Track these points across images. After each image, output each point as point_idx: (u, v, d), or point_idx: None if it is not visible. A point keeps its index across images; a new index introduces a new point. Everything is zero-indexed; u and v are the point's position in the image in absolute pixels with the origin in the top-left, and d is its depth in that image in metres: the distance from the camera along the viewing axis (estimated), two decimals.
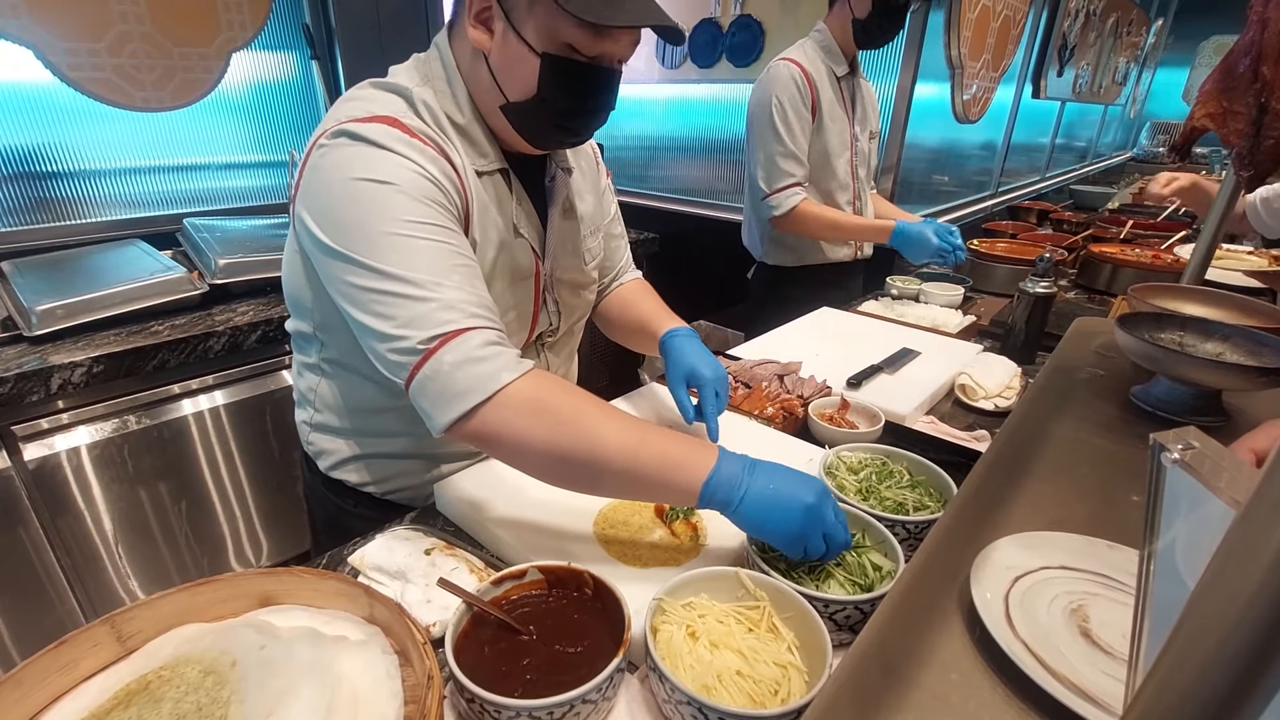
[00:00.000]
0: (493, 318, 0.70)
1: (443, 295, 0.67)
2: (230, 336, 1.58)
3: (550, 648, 0.59)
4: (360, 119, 0.72)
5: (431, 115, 0.77)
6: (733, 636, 0.60)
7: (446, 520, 0.85)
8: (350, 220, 0.69)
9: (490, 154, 0.81)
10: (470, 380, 0.65)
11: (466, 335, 0.66)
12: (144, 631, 0.52)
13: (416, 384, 0.67)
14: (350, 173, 0.69)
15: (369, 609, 0.54)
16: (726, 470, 0.66)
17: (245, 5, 2.11)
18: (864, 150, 1.83)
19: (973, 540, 0.64)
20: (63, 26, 1.81)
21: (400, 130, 0.72)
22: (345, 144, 0.71)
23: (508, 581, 0.64)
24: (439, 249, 0.69)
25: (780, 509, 0.64)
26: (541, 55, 0.71)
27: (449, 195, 0.73)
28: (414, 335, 0.66)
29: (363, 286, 0.68)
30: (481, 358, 0.66)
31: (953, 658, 0.53)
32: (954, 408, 1.23)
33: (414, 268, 0.67)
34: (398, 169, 0.70)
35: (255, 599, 0.56)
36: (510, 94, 0.75)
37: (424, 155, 0.72)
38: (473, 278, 0.71)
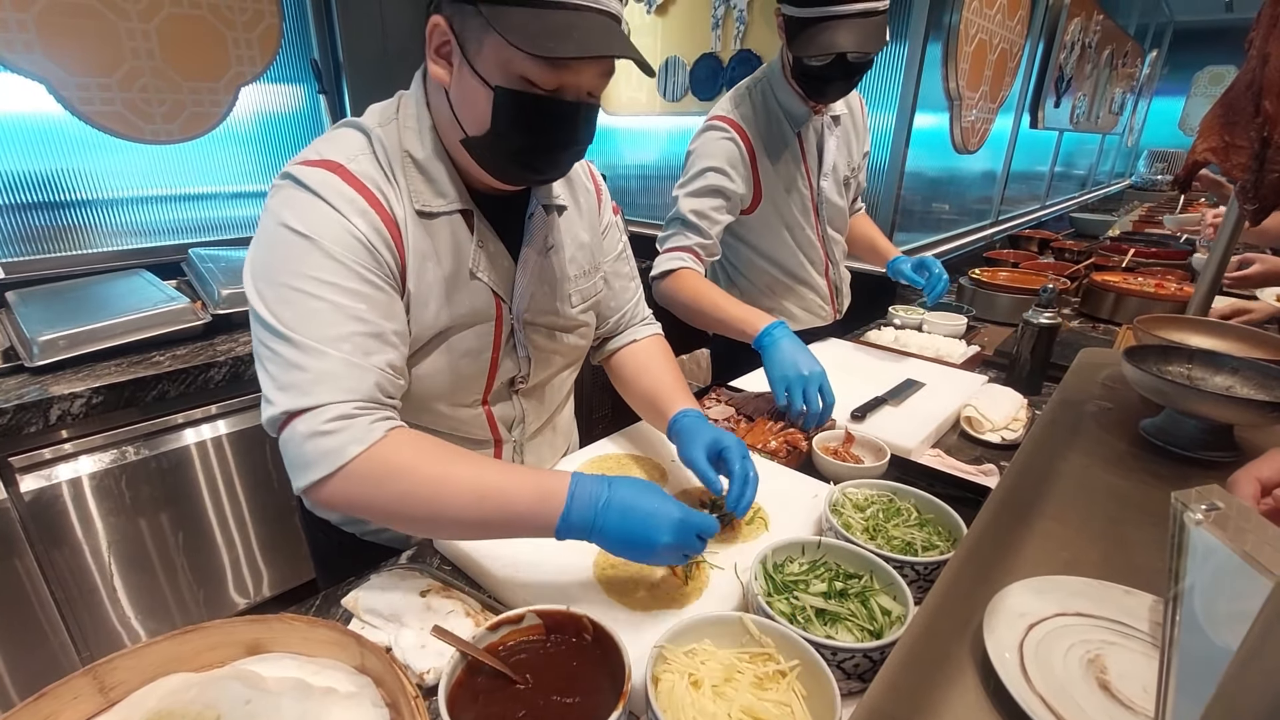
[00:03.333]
0: (369, 387, 0.69)
1: (319, 365, 0.67)
2: (231, 366, 1.58)
3: (548, 697, 0.57)
4: (308, 161, 0.72)
5: (385, 154, 0.75)
6: (737, 686, 0.58)
7: (444, 559, 0.84)
8: (268, 266, 0.70)
9: (450, 193, 0.78)
10: (317, 454, 0.66)
11: (322, 409, 0.66)
12: (128, 682, 0.50)
13: (280, 446, 0.68)
14: (279, 218, 0.70)
15: (360, 658, 0.53)
16: (578, 511, 0.66)
17: (255, 41, 2.16)
18: (833, 197, 1.57)
19: (984, 583, 0.62)
20: (75, 62, 1.85)
21: (340, 178, 0.71)
22: (287, 187, 0.72)
23: (504, 627, 0.62)
24: (336, 314, 0.68)
25: (631, 528, 0.66)
26: (495, 89, 0.68)
27: (376, 252, 0.72)
28: (281, 401, 0.67)
29: (260, 340, 0.70)
30: (328, 431, 0.65)
31: (967, 712, 0.51)
32: (960, 440, 1.21)
33: (304, 330, 0.67)
34: (322, 222, 0.69)
35: (243, 647, 0.54)
36: (468, 128, 0.73)
37: (355, 208, 0.71)
38: (367, 348, 0.70)
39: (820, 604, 0.67)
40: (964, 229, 2.99)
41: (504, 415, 0.92)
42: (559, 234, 0.90)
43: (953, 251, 2.68)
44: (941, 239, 2.73)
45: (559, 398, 1.02)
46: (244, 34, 2.13)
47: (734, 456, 0.81)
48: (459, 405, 0.86)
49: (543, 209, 0.87)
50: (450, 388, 0.84)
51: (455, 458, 0.69)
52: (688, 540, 0.67)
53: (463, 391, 0.85)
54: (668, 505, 0.67)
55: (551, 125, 0.72)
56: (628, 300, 1.05)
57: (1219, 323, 1.15)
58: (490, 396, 0.89)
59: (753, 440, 1.07)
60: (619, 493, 0.67)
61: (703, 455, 0.83)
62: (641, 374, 1.01)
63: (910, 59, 2.04)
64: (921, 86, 2.11)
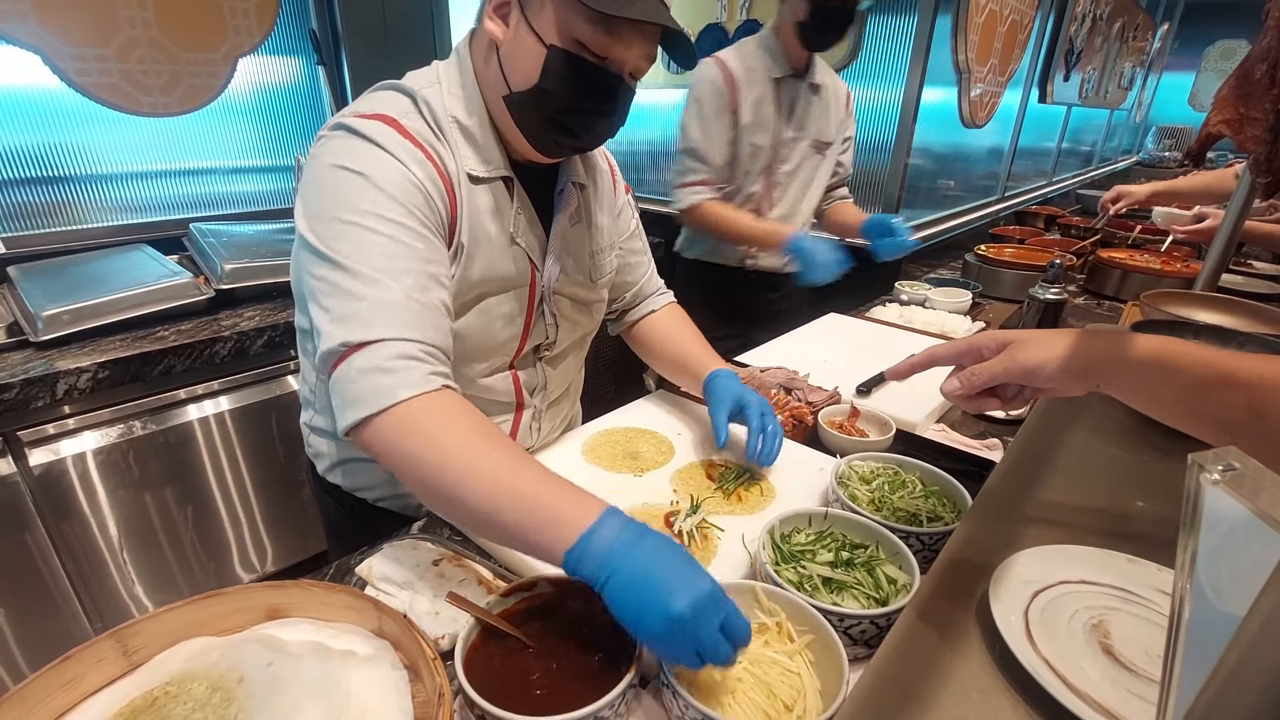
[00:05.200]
0: (426, 329, 0.68)
1: (380, 295, 0.66)
2: (236, 342, 1.58)
3: (561, 661, 0.58)
4: (360, 114, 0.73)
5: (433, 115, 0.76)
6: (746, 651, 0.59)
7: (453, 530, 0.85)
8: (322, 205, 0.70)
9: (495, 160, 0.80)
10: (368, 391, 0.64)
11: (382, 344, 0.65)
12: (150, 645, 0.51)
13: (331, 383, 0.67)
14: (334, 160, 0.70)
15: (378, 622, 0.54)
16: (601, 540, 0.56)
17: (252, 11, 2.12)
18: (797, 156, 1.73)
19: (989, 553, 0.63)
20: (70, 32, 1.82)
21: (396, 130, 0.73)
22: (341, 136, 0.72)
23: (517, 594, 0.63)
24: (396, 247, 0.68)
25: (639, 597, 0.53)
26: (549, 47, 0.71)
27: (431, 200, 0.73)
28: (338, 334, 0.65)
29: (317, 275, 0.69)
30: (387, 369, 0.64)
31: (972, 676, 0.52)
32: (965, 415, 1.21)
33: (363, 260, 0.67)
34: (380, 164, 0.70)
35: (263, 612, 0.55)
36: (513, 83, 0.74)
37: (413, 158, 0.72)
38: (425, 285, 0.70)
39: (827, 573, 0.68)
40: (971, 205, 2.97)
41: (528, 381, 0.94)
42: (583, 211, 0.93)
43: (959, 228, 2.66)
44: (948, 214, 2.71)
45: (575, 368, 1.06)
46: (241, 3, 2.09)
47: (753, 413, 0.87)
48: (490, 369, 0.88)
49: (571, 185, 0.89)
50: (484, 349, 0.85)
51: (502, 444, 0.64)
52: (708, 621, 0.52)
53: (495, 354, 0.87)
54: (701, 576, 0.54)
55: (594, 91, 0.74)
56: (642, 275, 1.09)
57: (1225, 298, 1.15)
58: (517, 361, 0.91)
59: None
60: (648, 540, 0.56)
61: (724, 411, 0.89)
62: (668, 341, 1.07)
63: (919, 30, 2.00)
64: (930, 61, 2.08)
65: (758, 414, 0.87)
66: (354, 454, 0.93)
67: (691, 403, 1.14)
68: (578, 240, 0.93)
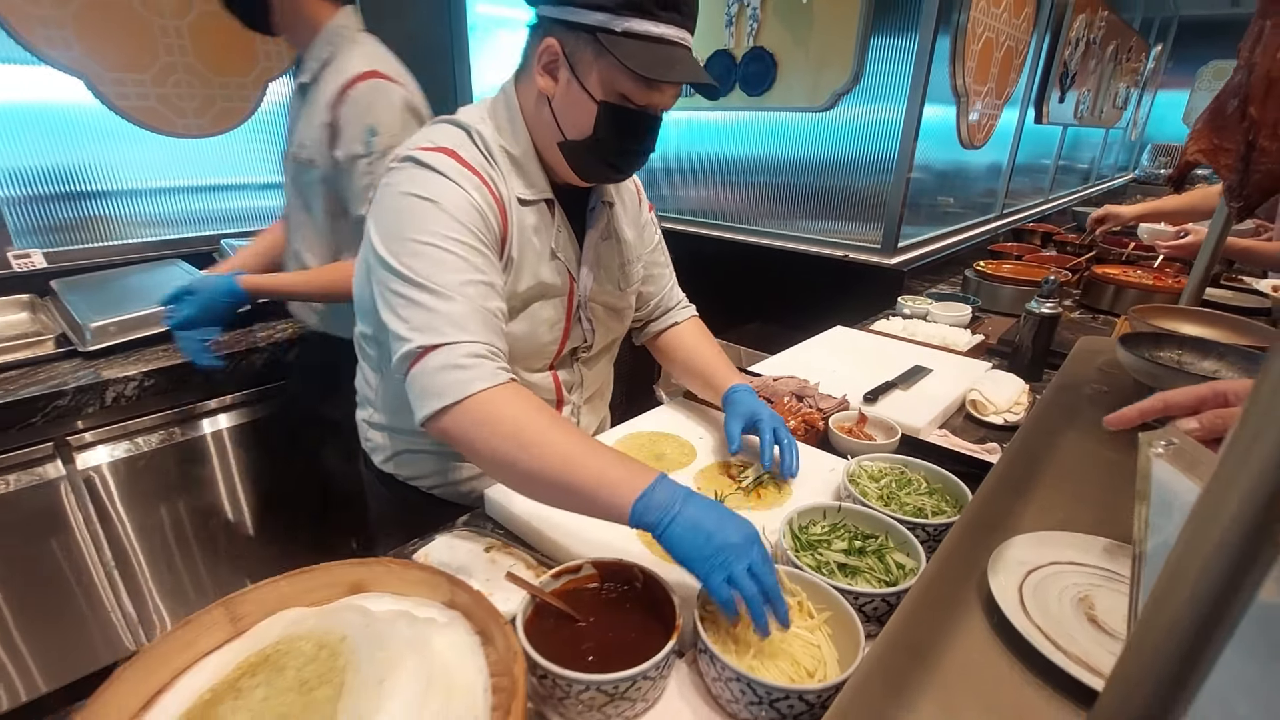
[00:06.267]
0: (491, 332, 0.79)
1: (450, 308, 0.76)
2: (270, 353, 1.66)
3: (607, 633, 0.65)
4: (423, 147, 0.83)
5: (485, 147, 0.86)
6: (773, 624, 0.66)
7: (496, 524, 0.92)
8: (397, 227, 0.79)
9: (539, 184, 0.90)
10: (446, 384, 0.74)
11: (455, 346, 0.75)
12: (252, 614, 0.59)
13: (409, 380, 0.76)
14: (406, 188, 0.80)
15: (450, 595, 0.61)
16: (658, 497, 0.67)
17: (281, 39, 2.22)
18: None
19: (987, 540, 0.71)
20: (112, 58, 1.92)
21: (456, 160, 0.82)
22: (409, 167, 0.82)
23: (564, 575, 0.70)
24: (461, 264, 0.78)
25: (703, 540, 0.64)
26: (600, 103, 0.81)
27: (488, 221, 0.83)
28: (417, 339, 0.75)
29: (393, 290, 0.78)
30: (462, 365, 0.74)
31: (972, 641, 0.59)
32: (965, 422, 1.29)
33: (434, 277, 0.77)
34: (446, 191, 0.80)
35: (347, 586, 0.62)
36: (569, 133, 0.85)
37: (471, 183, 0.82)
38: (486, 295, 0.80)
39: (842, 559, 0.76)
40: (970, 222, 3.05)
41: (566, 380, 1.04)
42: (612, 227, 1.02)
43: (960, 244, 2.74)
44: (949, 231, 2.79)
45: (607, 370, 1.15)
46: None
47: (765, 427, 0.95)
48: (533, 368, 0.98)
49: (601, 203, 0.99)
50: (529, 350, 0.95)
51: (565, 426, 0.75)
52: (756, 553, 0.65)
53: (537, 356, 0.97)
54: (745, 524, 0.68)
55: (638, 133, 0.85)
56: (664, 286, 1.18)
57: (1210, 312, 1.23)
58: (557, 362, 1.01)
59: None
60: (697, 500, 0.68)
61: (739, 423, 0.97)
62: (693, 355, 1.16)
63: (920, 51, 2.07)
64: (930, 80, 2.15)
65: (769, 428, 0.95)
66: (409, 446, 1.02)
67: (711, 409, 1.22)
68: (608, 253, 1.03)
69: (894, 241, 2.25)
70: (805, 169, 2.39)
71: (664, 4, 0.77)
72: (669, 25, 0.78)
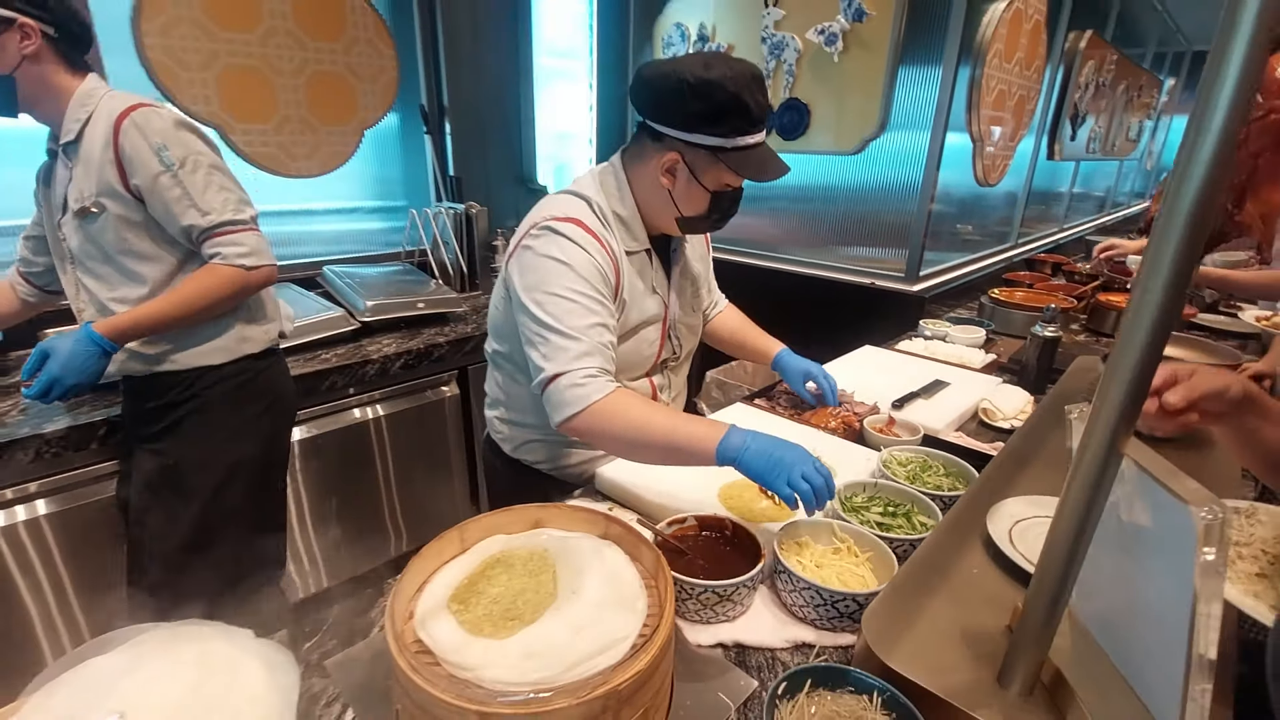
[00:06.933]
0: (603, 359, 1.04)
1: (574, 345, 1.03)
2: (381, 364, 1.96)
3: (709, 562, 0.91)
4: (559, 218, 1.10)
5: (601, 212, 1.14)
6: (828, 560, 0.92)
7: (604, 496, 1.18)
8: (538, 281, 1.06)
9: (640, 238, 1.18)
10: (574, 397, 1.00)
11: (578, 370, 1.02)
12: (473, 538, 0.85)
13: (545, 395, 1.04)
14: (545, 252, 1.07)
15: (605, 529, 0.87)
16: (734, 440, 0.93)
17: (378, 91, 2.56)
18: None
19: (989, 503, 0.96)
20: (242, 111, 2.26)
21: (582, 229, 1.09)
22: (547, 235, 1.09)
23: (674, 524, 0.97)
24: (584, 311, 1.05)
25: (773, 461, 0.91)
26: (712, 193, 1.11)
27: (606, 275, 1.10)
28: (550, 367, 1.03)
29: (532, 329, 1.06)
30: (582, 384, 1.01)
31: (973, 562, 0.84)
32: (979, 427, 1.53)
33: (563, 320, 1.04)
34: (574, 254, 1.07)
35: (531, 522, 0.88)
36: (686, 212, 1.13)
37: (593, 247, 1.09)
38: (601, 333, 1.06)
39: (879, 519, 1.01)
40: (988, 251, 3.29)
41: (660, 383, 1.32)
42: (687, 264, 1.31)
43: (977, 272, 2.98)
44: (966, 260, 3.03)
45: (685, 376, 1.43)
46: (370, 85, 2.53)
47: (819, 376, 1.40)
48: (634, 376, 1.26)
49: (680, 244, 1.28)
50: (634, 363, 1.23)
51: (657, 408, 1.03)
52: (809, 464, 0.91)
53: (639, 367, 1.25)
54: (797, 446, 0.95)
55: (734, 205, 1.15)
56: (716, 294, 1.54)
57: (1185, 336, 1.46)
58: (652, 370, 1.29)
59: (818, 421, 1.40)
60: (761, 435, 0.96)
61: (800, 383, 1.43)
62: (735, 332, 1.54)
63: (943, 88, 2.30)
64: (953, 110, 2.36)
65: (823, 376, 1.41)
66: (531, 436, 1.29)
67: (761, 411, 1.47)
68: (687, 283, 1.31)
69: (916, 269, 2.50)
70: (835, 198, 2.65)
71: (758, 121, 1.05)
72: (759, 134, 1.06)
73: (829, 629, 0.85)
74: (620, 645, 0.67)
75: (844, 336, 2.04)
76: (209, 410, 1.45)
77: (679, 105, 1.03)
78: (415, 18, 2.60)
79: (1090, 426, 0.54)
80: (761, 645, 0.84)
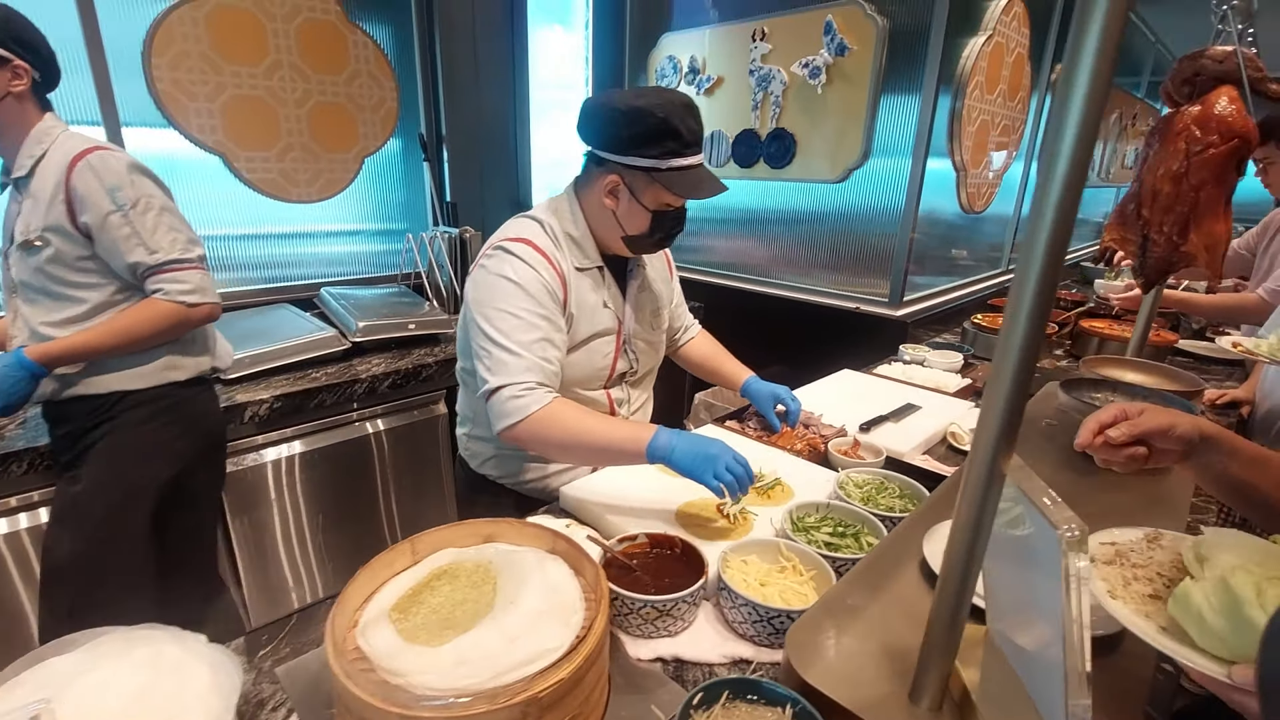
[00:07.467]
0: (543, 374, 1.11)
1: (516, 361, 1.10)
2: (369, 383, 2.01)
3: (655, 579, 0.94)
4: (512, 239, 1.18)
5: (553, 232, 1.22)
6: (772, 578, 0.94)
7: (567, 514, 1.22)
8: (489, 298, 1.14)
9: (592, 256, 1.25)
10: (514, 408, 1.09)
11: (518, 383, 1.09)
12: (424, 550, 0.88)
13: (489, 405, 1.12)
14: (497, 271, 1.16)
15: (553, 544, 0.90)
16: (661, 440, 1.05)
17: (378, 120, 2.66)
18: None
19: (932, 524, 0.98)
20: (246, 140, 2.35)
21: (532, 249, 1.17)
22: (499, 255, 1.17)
23: (626, 541, 1.00)
24: (529, 328, 1.13)
25: (699, 457, 1.03)
26: (653, 212, 1.17)
27: (554, 293, 1.17)
28: (493, 380, 1.11)
29: (479, 344, 1.14)
30: (521, 395, 1.09)
31: (907, 582, 0.87)
32: (947, 451, 1.55)
33: (509, 336, 1.12)
34: (524, 273, 1.15)
35: (482, 537, 0.91)
36: (629, 231, 1.20)
37: (542, 265, 1.17)
38: (547, 347, 1.13)
39: (828, 539, 1.03)
40: (977, 276, 3.32)
41: (618, 397, 1.36)
42: (646, 282, 1.37)
43: (964, 297, 3.01)
44: (956, 284, 3.06)
45: (648, 391, 1.47)
46: (370, 115, 2.63)
47: (786, 396, 1.43)
48: (591, 388, 1.31)
49: (637, 265, 1.34)
50: (588, 375, 1.29)
51: (591, 415, 1.11)
52: (729, 456, 1.03)
53: (595, 378, 1.30)
54: (719, 442, 1.07)
55: (676, 225, 1.21)
56: (684, 319, 1.58)
57: (1149, 363, 1.48)
58: (609, 384, 1.33)
59: (784, 443, 1.43)
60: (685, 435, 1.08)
61: (770, 408, 1.43)
62: (706, 358, 1.59)
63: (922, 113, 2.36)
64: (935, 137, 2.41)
65: (790, 398, 1.43)
66: (499, 451, 1.34)
67: (730, 433, 1.50)
68: (645, 300, 1.37)
69: (900, 295, 2.53)
70: (820, 225, 2.70)
71: (691, 144, 1.12)
72: (693, 156, 1.13)
73: (767, 645, 0.87)
74: (550, 655, 0.70)
75: (829, 360, 2.07)
76: (122, 432, 1.44)
77: (613, 131, 1.12)
78: (416, 50, 2.71)
79: (974, 448, 0.58)
80: (700, 660, 0.86)
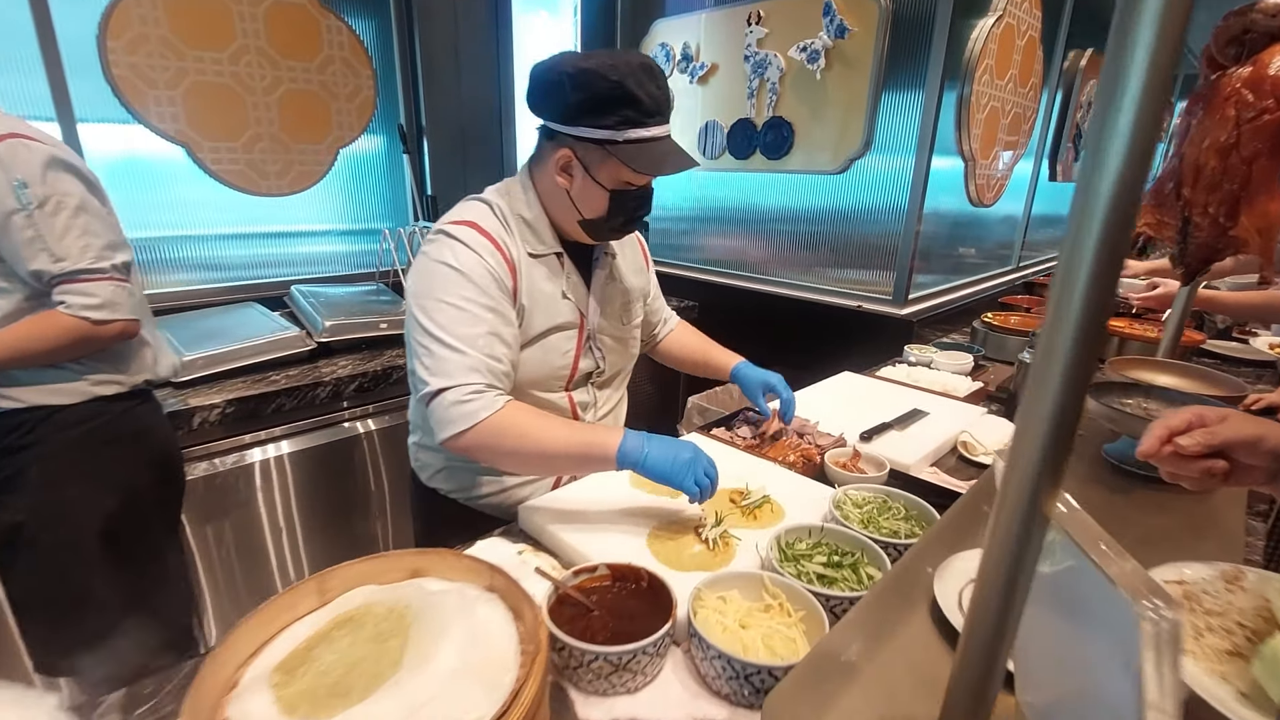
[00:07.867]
0: (491, 374, 0.98)
1: (460, 359, 0.96)
2: (334, 386, 1.87)
3: (615, 622, 0.79)
4: (454, 222, 1.04)
5: (503, 215, 1.08)
6: (755, 618, 0.79)
7: (527, 536, 1.07)
8: (427, 288, 1.00)
9: (548, 241, 1.11)
10: (459, 415, 0.95)
11: (464, 386, 0.96)
12: (335, 589, 0.74)
13: (429, 411, 0.98)
14: (436, 257, 1.01)
15: (490, 580, 0.75)
16: (630, 445, 0.96)
17: (354, 110, 2.52)
18: None
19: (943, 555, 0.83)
20: (210, 129, 2.22)
21: (477, 231, 1.03)
22: (441, 239, 1.03)
23: (583, 574, 0.85)
24: (473, 320, 0.99)
25: (670, 461, 0.95)
26: (611, 191, 1.02)
27: (500, 280, 1.03)
28: (435, 381, 0.96)
29: (417, 340, 0.99)
30: (467, 400, 0.95)
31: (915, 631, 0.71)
32: (958, 462, 1.39)
33: (450, 330, 0.97)
34: (467, 258, 1.00)
35: (408, 571, 0.77)
36: (586, 214, 1.06)
37: (487, 250, 1.03)
38: (491, 344, 0.99)
39: (821, 570, 0.88)
40: (986, 274, 3.16)
41: (581, 400, 1.21)
42: (615, 272, 1.22)
43: (972, 296, 2.85)
44: (963, 282, 2.90)
45: (619, 394, 1.32)
46: (345, 104, 2.49)
47: (780, 387, 1.29)
48: (550, 390, 1.16)
49: (604, 254, 1.20)
50: (545, 375, 1.14)
51: (550, 419, 1.00)
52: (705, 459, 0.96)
53: (553, 380, 1.15)
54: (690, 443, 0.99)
55: (639, 207, 1.06)
56: (662, 313, 1.45)
57: (1182, 364, 1.33)
58: (571, 385, 1.19)
59: (774, 455, 1.28)
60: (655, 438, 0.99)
61: (759, 394, 1.31)
62: (690, 350, 1.47)
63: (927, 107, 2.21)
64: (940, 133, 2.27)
65: (782, 386, 1.30)
66: (449, 463, 1.19)
67: (718, 442, 1.35)
68: (612, 293, 1.22)
69: (905, 293, 2.38)
70: (821, 220, 2.55)
71: (652, 112, 0.97)
72: (657, 127, 0.98)
73: (745, 705, 0.73)
74: None
75: (829, 361, 1.92)
76: (55, 456, 1.28)
77: (561, 98, 0.97)
78: (394, 37, 2.58)
79: (1006, 483, 0.43)
80: None
